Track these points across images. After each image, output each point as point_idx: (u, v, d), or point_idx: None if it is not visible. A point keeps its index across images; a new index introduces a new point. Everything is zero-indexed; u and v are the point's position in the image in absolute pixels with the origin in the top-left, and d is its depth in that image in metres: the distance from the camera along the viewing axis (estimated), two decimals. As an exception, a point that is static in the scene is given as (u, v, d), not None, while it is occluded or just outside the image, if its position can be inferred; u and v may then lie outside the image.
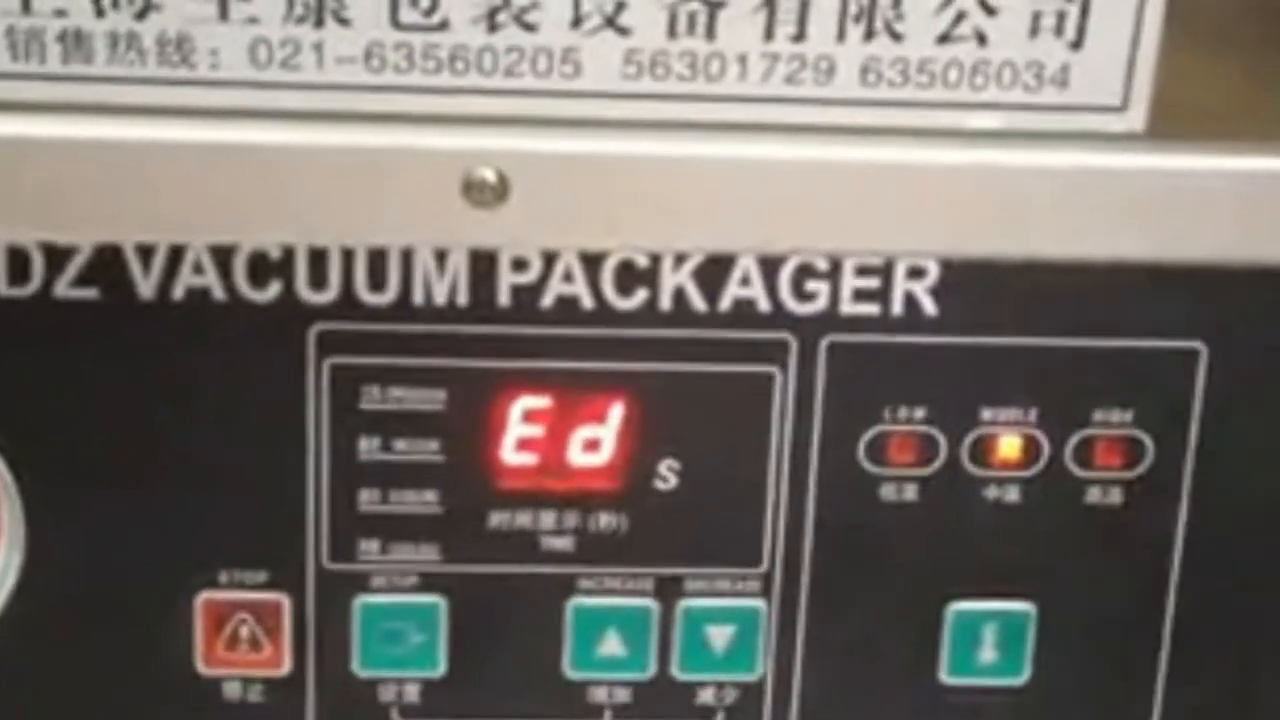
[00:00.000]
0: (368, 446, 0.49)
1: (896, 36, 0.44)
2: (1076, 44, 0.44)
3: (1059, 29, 0.44)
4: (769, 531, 0.50)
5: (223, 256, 0.47)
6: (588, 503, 0.50)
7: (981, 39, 0.44)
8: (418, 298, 0.48)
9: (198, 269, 0.47)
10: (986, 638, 0.52)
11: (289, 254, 0.47)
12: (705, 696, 0.52)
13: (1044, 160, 0.45)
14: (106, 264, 0.46)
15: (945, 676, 0.52)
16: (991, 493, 0.50)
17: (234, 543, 0.49)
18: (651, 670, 0.52)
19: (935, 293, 0.48)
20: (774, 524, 0.50)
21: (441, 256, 0.47)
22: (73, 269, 0.46)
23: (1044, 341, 0.49)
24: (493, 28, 0.43)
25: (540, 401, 0.49)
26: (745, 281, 0.48)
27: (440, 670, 0.51)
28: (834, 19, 0.43)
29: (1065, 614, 0.51)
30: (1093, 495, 0.51)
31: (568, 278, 0.48)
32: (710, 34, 0.43)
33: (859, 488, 0.50)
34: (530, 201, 0.44)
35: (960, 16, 0.43)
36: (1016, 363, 0.49)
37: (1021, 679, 0.52)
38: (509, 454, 0.49)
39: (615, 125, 0.44)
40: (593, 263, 0.48)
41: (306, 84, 0.43)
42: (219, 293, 0.47)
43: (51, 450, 0.48)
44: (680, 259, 0.48)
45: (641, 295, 0.48)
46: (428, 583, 0.50)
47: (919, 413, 0.50)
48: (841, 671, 0.52)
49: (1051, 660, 0.52)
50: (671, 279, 0.48)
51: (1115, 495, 0.51)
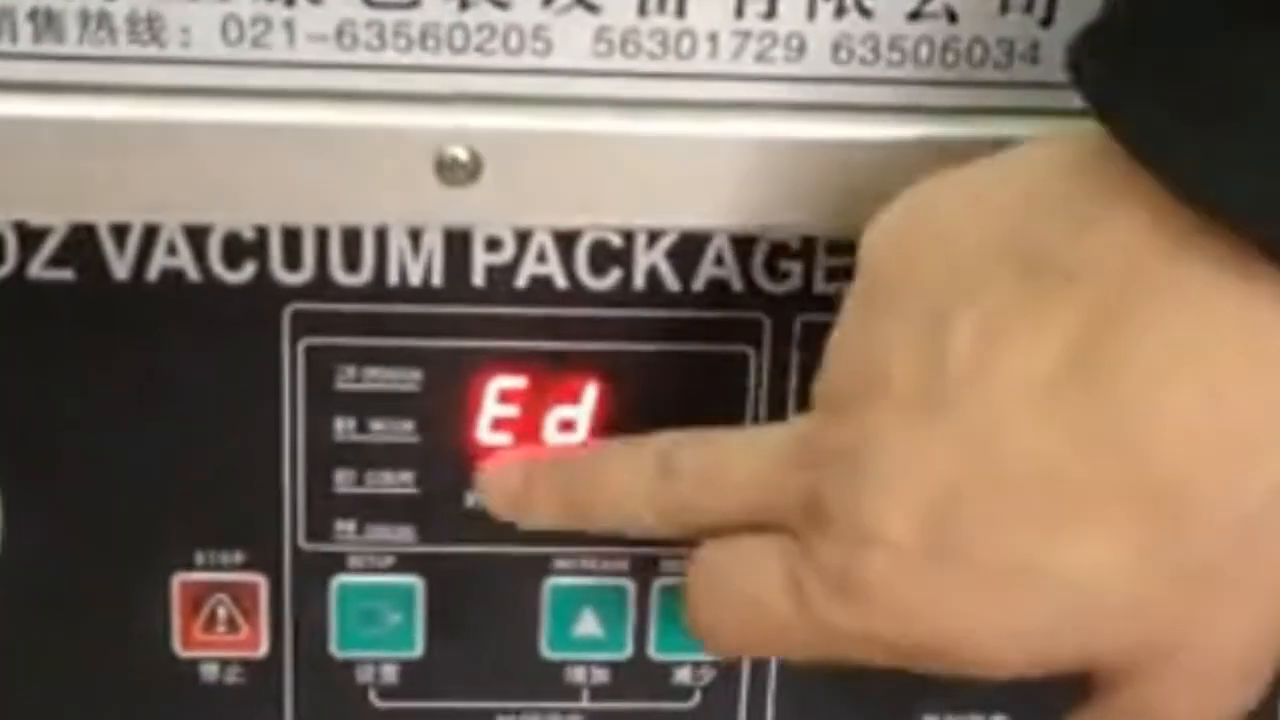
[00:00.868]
0: (343, 427, 0.49)
1: (867, 14, 0.44)
2: (1046, 21, 0.44)
3: (1029, 6, 0.44)
4: (744, 511, 0.50)
5: (197, 237, 0.47)
6: (564, 482, 0.50)
7: (952, 16, 0.44)
8: (392, 278, 0.48)
9: (172, 250, 0.47)
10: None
11: (263, 235, 0.47)
12: (682, 676, 0.52)
13: (1015, 134, 0.45)
14: (80, 245, 0.46)
15: (922, 655, 0.52)
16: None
17: (210, 524, 0.50)
18: (629, 650, 0.52)
19: (909, 271, 0.49)
20: (749, 503, 0.50)
21: (416, 237, 0.47)
22: (47, 250, 0.47)
23: None
24: (464, 5, 0.43)
25: (515, 382, 0.49)
26: (719, 261, 0.48)
27: (418, 651, 0.51)
28: (804, -4, 0.43)
29: None
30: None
31: (541, 258, 0.48)
32: (681, 12, 0.43)
33: (834, 467, 0.50)
34: (503, 180, 0.44)
35: (930, -7, 0.44)
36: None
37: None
38: (485, 434, 0.49)
39: (587, 103, 0.44)
40: (566, 242, 0.48)
41: (278, 62, 0.43)
42: (193, 274, 0.47)
43: (26, 433, 0.48)
44: (653, 239, 0.48)
45: (615, 275, 0.48)
46: (405, 563, 0.50)
47: (894, 391, 0.50)
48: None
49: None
50: (645, 259, 0.48)
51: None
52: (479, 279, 0.48)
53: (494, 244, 0.48)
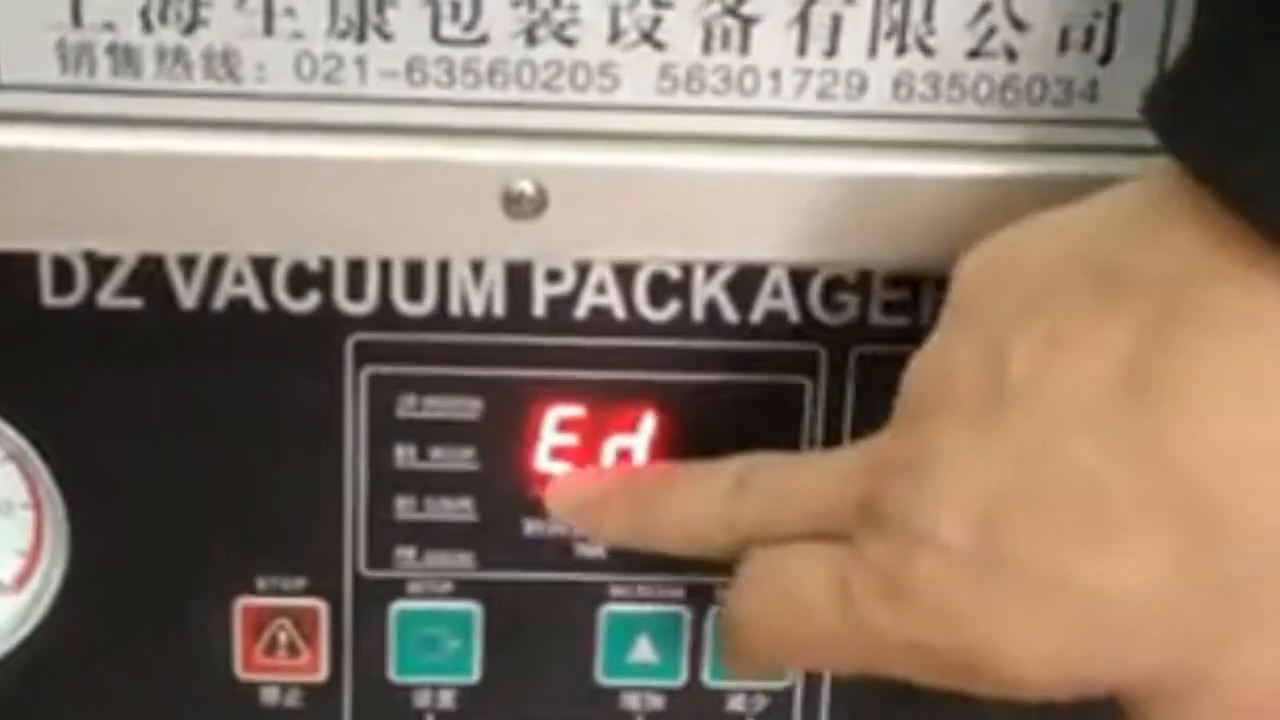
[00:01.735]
0: (404, 455, 0.50)
1: (928, 51, 0.44)
2: (1105, 59, 0.45)
3: (1087, 44, 0.44)
4: (799, 540, 0.51)
5: (263, 267, 0.47)
6: (621, 511, 0.51)
7: (1011, 54, 0.44)
8: (454, 308, 0.48)
9: (238, 279, 0.48)
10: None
11: (328, 265, 0.48)
12: (735, 704, 0.53)
13: (1072, 171, 0.45)
14: (149, 274, 0.47)
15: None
16: (1018, 501, 0.51)
17: (273, 550, 0.50)
18: (683, 677, 0.52)
19: (963, 304, 0.49)
20: (804, 532, 0.51)
21: (478, 268, 0.48)
22: (116, 279, 0.47)
23: None
24: (532, 42, 0.44)
25: (574, 411, 0.50)
26: (776, 293, 0.49)
27: (475, 676, 0.52)
28: (866, 34, 0.44)
29: None
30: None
31: (601, 289, 0.49)
32: (744, 49, 0.44)
33: (888, 497, 0.51)
34: (568, 213, 0.45)
35: (991, 32, 0.44)
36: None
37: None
38: (543, 462, 0.50)
39: (651, 138, 0.45)
40: (626, 274, 0.48)
41: (349, 97, 0.44)
42: (259, 303, 0.48)
43: (95, 458, 0.49)
44: (712, 271, 0.49)
45: (674, 306, 0.49)
46: (463, 589, 0.51)
47: (947, 423, 0.50)
48: (870, 678, 0.52)
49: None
50: (703, 290, 0.49)
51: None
52: (540, 309, 0.49)
53: (554, 275, 0.48)
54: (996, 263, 0.41)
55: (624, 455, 0.50)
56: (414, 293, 0.48)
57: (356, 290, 0.48)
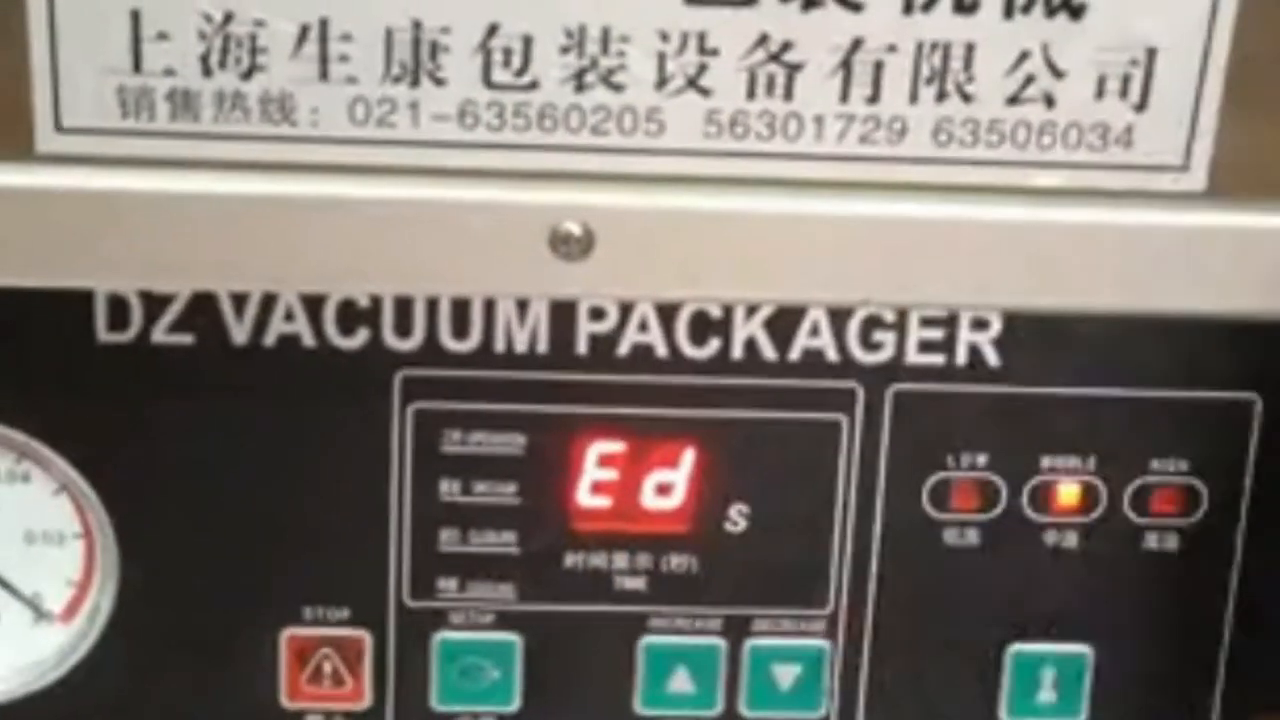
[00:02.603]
0: (448, 488, 0.51)
1: (967, 98, 0.45)
2: (1141, 106, 0.45)
3: (1124, 91, 0.45)
4: (835, 574, 0.52)
5: (313, 305, 0.48)
6: (659, 544, 0.52)
7: (1049, 101, 0.45)
8: (499, 345, 0.49)
9: (289, 316, 0.49)
10: (1045, 680, 0.53)
11: (376, 303, 0.49)
12: (771, 733, 0.53)
13: (1107, 217, 0.46)
14: (202, 311, 0.48)
15: (1005, 717, 0.53)
16: (1051, 538, 0.52)
17: (318, 581, 0.51)
18: (719, 707, 0.53)
19: (998, 344, 0.50)
20: (840, 567, 0.52)
21: (523, 305, 0.49)
22: (169, 316, 0.48)
23: (1103, 392, 0.51)
24: (580, 88, 0.45)
25: (615, 446, 0.51)
26: (814, 332, 0.50)
27: (515, 705, 0.53)
28: (907, 81, 0.45)
29: (1122, 657, 0.53)
30: (1149, 541, 0.52)
31: (643, 327, 0.49)
32: (788, 95, 0.45)
33: (922, 532, 0.52)
34: (614, 254, 0.46)
35: (1029, 79, 0.45)
36: (1076, 413, 0.51)
37: (1079, 720, 0.53)
38: (584, 497, 0.51)
39: (696, 182, 0.46)
40: (667, 313, 0.49)
41: (402, 140, 0.45)
42: (308, 339, 0.49)
43: (145, 490, 0.50)
44: (752, 310, 0.49)
45: (714, 345, 0.50)
46: (505, 620, 0.52)
47: (981, 460, 0.51)
48: (904, 711, 0.53)
49: (1109, 702, 0.53)
50: (743, 329, 0.50)
51: (1171, 542, 0.52)
52: (583, 347, 0.49)
53: (598, 313, 0.49)
54: None
55: (663, 490, 0.51)
56: (460, 330, 0.49)
57: (404, 327, 0.49)
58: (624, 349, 0.50)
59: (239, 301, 0.48)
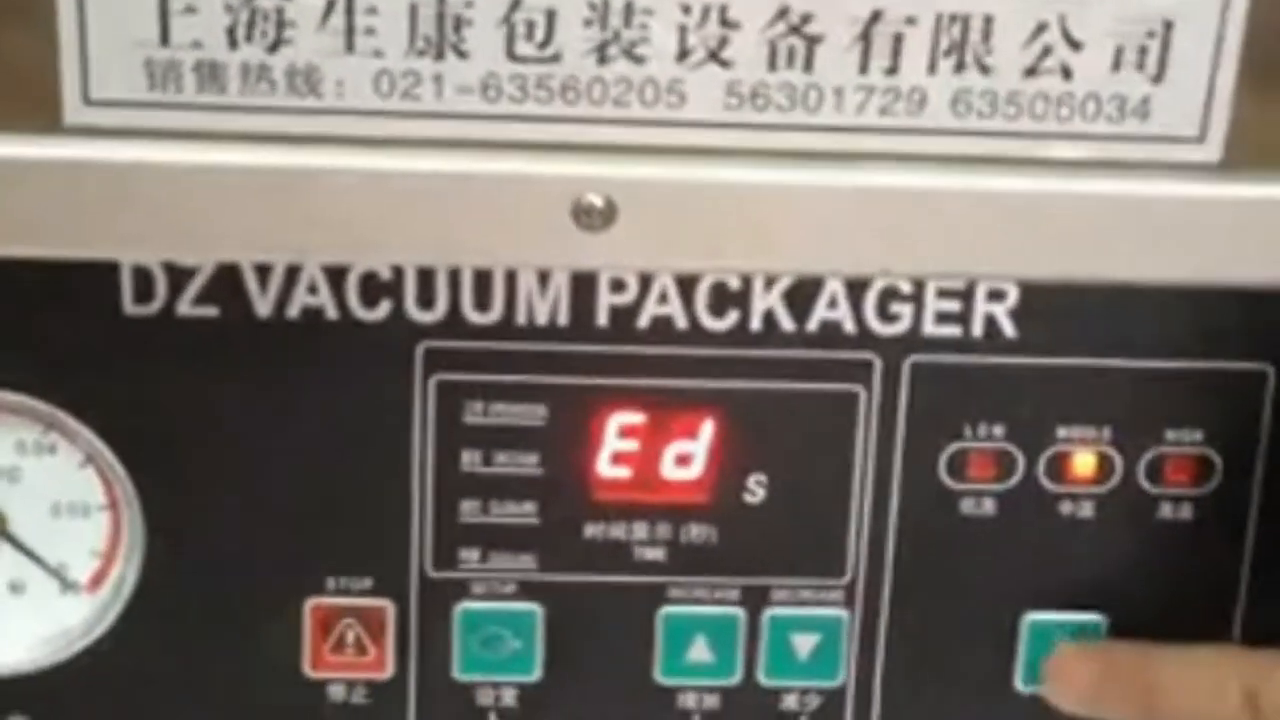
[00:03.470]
0: (470, 459, 0.51)
1: (985, 70, 0.46)
2: (1157, 77, 0.46)
3: (1141, 63, 0.46)
4: (852, 543, 0.52)
5: (336, 277, 0.49)
6: (679, 515, 0.52)
7: (1067, 72, 0.46)
8: (520, 317, 0.50)
9: (312, 289, 0.49)
10: (1061, 647, 0.54)
11: (399, 274, 0.49)
12: (789, 702, 0.54)
13: (1123, 188, 0.47)
14: (226, 283, 0.49)
15: (1020, 685, 0.54)
16: (1067, 508, 0.52)
17: (342, 551, 0.52)
18: (738, 676, 0.54)
19: (1014, 315, 0.51)
20: (857, 536, 0.52)
21: (544, 277, 0.49)
22: (194, 288, 0.49)
23: (1118, 363, 0.51)
24: (603, 60, 0.45)
25: (635, 417, 0.51)
26: (832, 304, 0.50)
27: (536, 675, 0.53)
28: (926, 53, 0.45)
29: (1136, 624, 0.53)
30: (1164, 511, 0.53)
31: (663, 299, 0.50)
32: (808, 67, 0.45)
33: (939, 502, 0.52)
34: (636, 226, 0.46)
35: (1047, 51, 0.45)
36: (1091, 383, 0.51)
37: (1095, 687, 0.54)
38: (605, 468, 0.51)
39: (717, 153, 0.46)
40: (687, 285, 0.50)
41: (426, 113, 0.45)
42: (331, 311, 0.49)
43: (171, 462, 0.50)
44: (770, 282, 0.50)
45: (733, 316, 0.50)
46: (526, 591, 0.52)
47: (998, 430, 0.52)
48: (920, 679, 0.54)
49: (1124, 669, 0.54)
50: (762, 301, 0.50)
51: (1186, 511, 0.53)
52: (603, 319, 0.50)
53: (618, 285, 0.50)
54: None
55: (683, 460, 0.51)
56: (482, 302, 0.50)
57: (426, 299, 0.49)
58: (644, 321, 0.50)
59: (263, 274, 0.49)
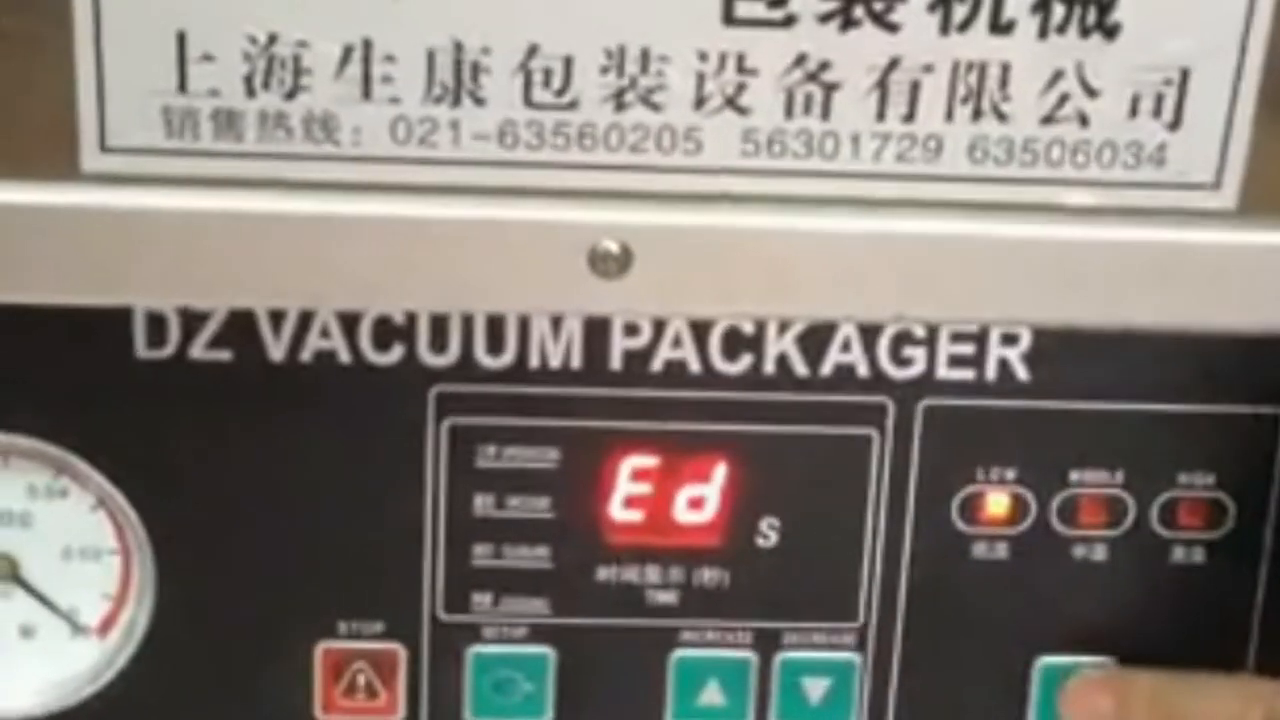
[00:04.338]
0: (482, 503, 0.51)
1: (1002, 117, 0.46)
2: (1174, 125, 0.46)
3: (1157, 110, 0.46)
4: (865, 587, 0.52)
5: (349, 321, 0.49)
6: (691, 558, 0.52)
7: (1083, 120, 0.46)
8: (533, 361, 0.50)
9: (325, 333, 0.49)
10: (1073, 691, 0.54)
11: (412, 319, 0.49)
12: (799, 745, 0.54)
13: (1139, 235, 0.47)
14: (239, 327, 0.49)
15: (1033, 728, 0.54)
16: (1079, 551, 0.52)
17: (353, 595, 0.51)
18: (750, 720, 0.53)
19: (1027, 359, 0.51)
20: (870, 580, 0.52)
21: (557, 322, 0.49)
22: (207, 332, 0.49)
23: (1131, 407, 0.51)
24: (620, 107, 0.45)
25: (648, 461, 0.51)
26: (846, 347, 0.50)
27: (548, 718, 0.53)
28: (943, 100, 0.45)
29: (1149, 668, 0.53)
30: (1177, 554, 0.53)
31: (677, 343, 0.50)
32: (825, 114, 0.45)
33: (952, 546, 0.52)
34: (652, 272, 0.46)
35: (1063, 98, 0.45)
36: (1104, 427, 0.51)
37: (1107, 731, 0.54)
38: (617, 511, 0.51)
39: (734, 200, 0.46)
40: (701, 329, 0.50)
41: (443, 159, 0.45)
42: (344, 355, 0.49)
43: (182, 506, 0.50)
44: (784, 326, 0.50)
45: (746, 360, 0.50)
46: (538, 634, 0.52)
47: (1010, 474, 0.52)
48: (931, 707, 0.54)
49: (1136, 713, 0.54)
50: (775, 345, 0.50)
51: (1198, 554, 0.53)
52: (616, 363, 0.50)
53: (631, 329, 0.50)
54: None
55: (695, 504, 0.51)
56: (494, 346, 0.49)
57: (439, 343, 0.49)
58: (657, 364, 0.50)
59: (276, 318, 0.49)
